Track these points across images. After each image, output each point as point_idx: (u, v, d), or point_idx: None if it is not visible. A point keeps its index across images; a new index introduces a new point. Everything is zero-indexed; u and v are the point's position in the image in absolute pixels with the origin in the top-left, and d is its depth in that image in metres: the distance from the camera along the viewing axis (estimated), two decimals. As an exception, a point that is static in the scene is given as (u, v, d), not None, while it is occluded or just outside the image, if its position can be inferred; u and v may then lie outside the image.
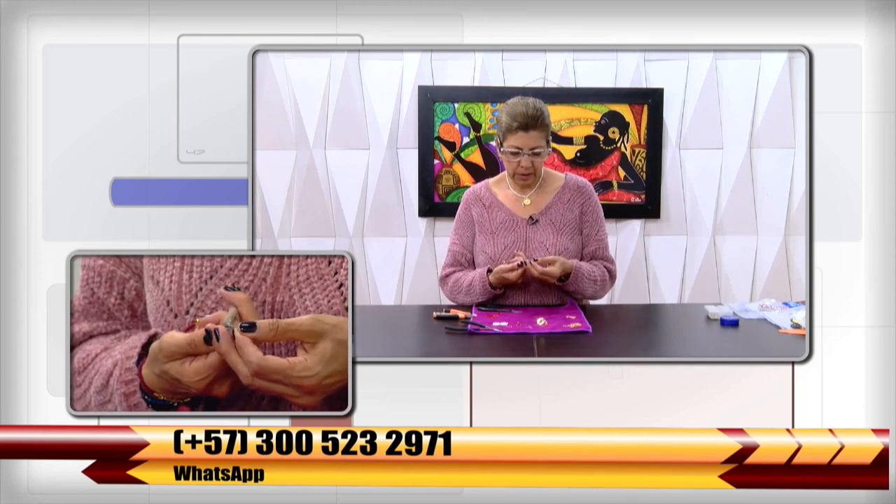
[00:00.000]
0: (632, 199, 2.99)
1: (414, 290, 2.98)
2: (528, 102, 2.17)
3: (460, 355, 1.67)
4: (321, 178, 2.95)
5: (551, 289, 2.16)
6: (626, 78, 2.95)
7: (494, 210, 2.26)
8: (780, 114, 2.93)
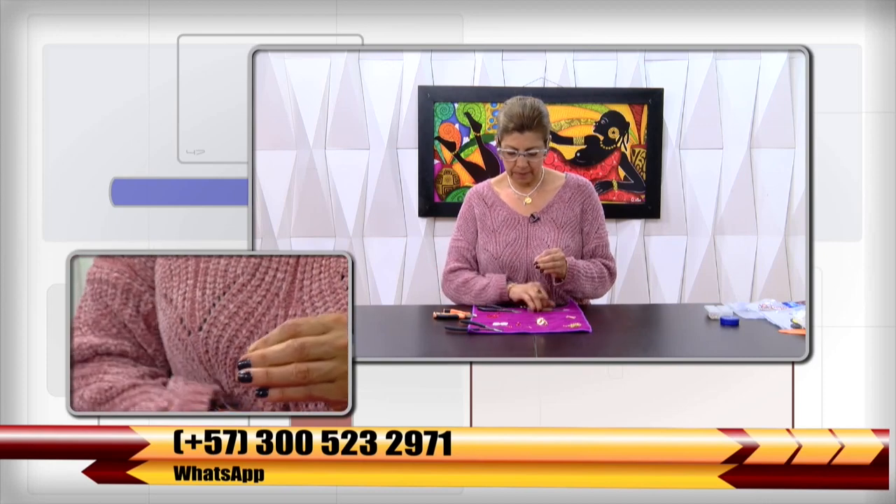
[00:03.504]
0: (632, 199, 2.99)
1: (414, 290, 2.98)
2: (526, 103, 2.17)
3: (460, 355, 1.67)
4: (321, 178, 2.95)
5: (551, 288, 2.16)
6: (626, 78, 2.95)
7: (496, 208, 2.26)
8: (780, 114, 2.93)
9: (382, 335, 1.90)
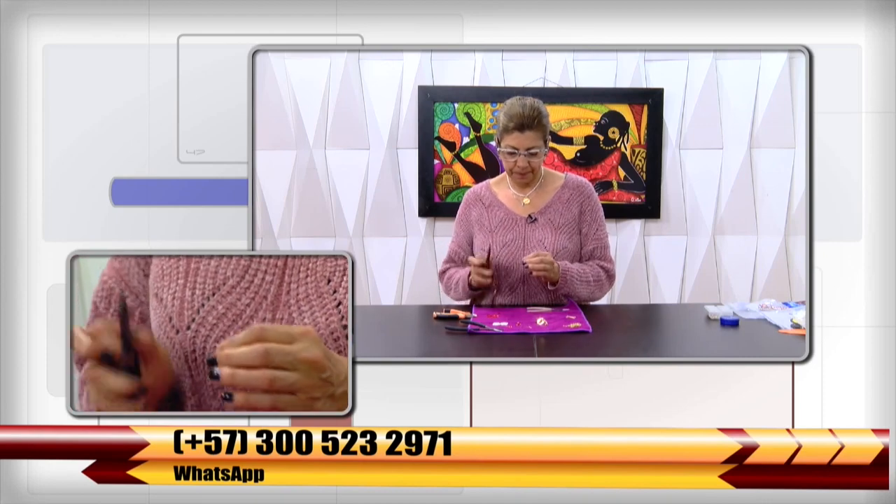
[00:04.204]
0: (632, 199, 2.99)
1: (414, 290, 2.98)
2: (526, 103, 2.18)
3: (460, 355, 1.67)
4: (321, 178, 2.95)
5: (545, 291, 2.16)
6: (626, 78, 2.95)
7: (494, 209, 2.27)
8: (780, 114, 2.93)
9: (382, 335, 1.90)
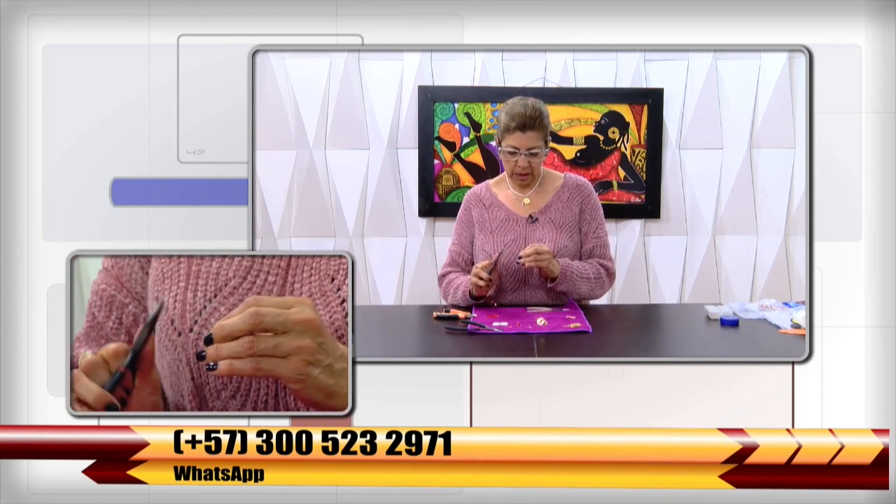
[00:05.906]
0: (632, 199, 2.99)
1: (414, 290, 2.98)
2: (527, 103, 2.18)
3: (460, 355, 1.67)
4: (321, 178, 2.95)
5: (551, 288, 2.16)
6: (626, 78, 2.95)
7: (494, 209, 2.27)
8: (780, 114, 2.93)
9: (382, 335, 1.90)
